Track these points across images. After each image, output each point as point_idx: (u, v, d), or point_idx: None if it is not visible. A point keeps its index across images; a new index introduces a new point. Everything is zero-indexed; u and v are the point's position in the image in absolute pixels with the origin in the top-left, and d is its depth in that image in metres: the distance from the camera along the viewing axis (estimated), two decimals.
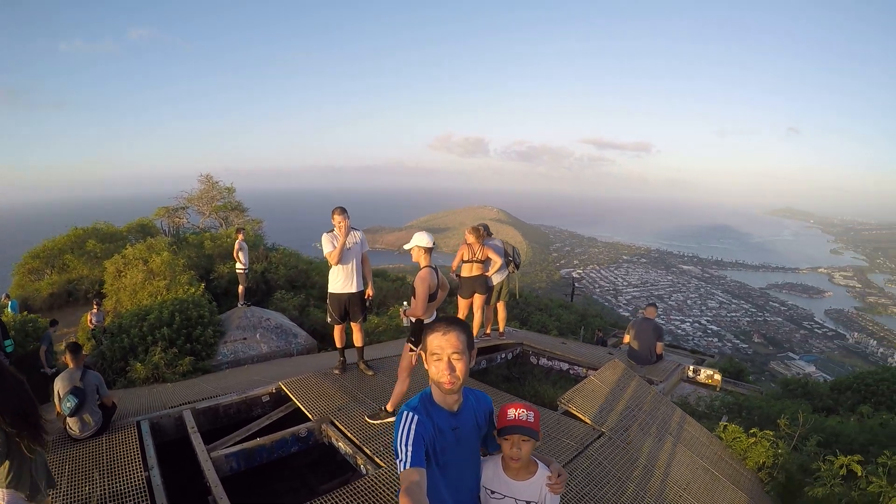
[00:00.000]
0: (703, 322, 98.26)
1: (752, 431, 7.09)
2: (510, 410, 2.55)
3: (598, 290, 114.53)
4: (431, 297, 5.50)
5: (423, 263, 5.54)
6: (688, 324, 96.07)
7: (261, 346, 11.04)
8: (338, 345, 7.25)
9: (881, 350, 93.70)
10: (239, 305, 12.88)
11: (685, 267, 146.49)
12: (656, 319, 10.30)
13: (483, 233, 8.88)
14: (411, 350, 5.56)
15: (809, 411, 9.68)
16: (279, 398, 6.64)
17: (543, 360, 9.83)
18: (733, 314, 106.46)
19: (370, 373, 7.22)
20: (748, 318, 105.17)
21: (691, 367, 11.67)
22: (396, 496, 2.32)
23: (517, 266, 9.64)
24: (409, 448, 2.21)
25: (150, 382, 9.14)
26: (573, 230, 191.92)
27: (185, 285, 12.44)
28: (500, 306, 9.68)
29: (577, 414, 6.36)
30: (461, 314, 8.87)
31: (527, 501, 2.58)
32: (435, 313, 5.68)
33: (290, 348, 11.29)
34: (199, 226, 24.03)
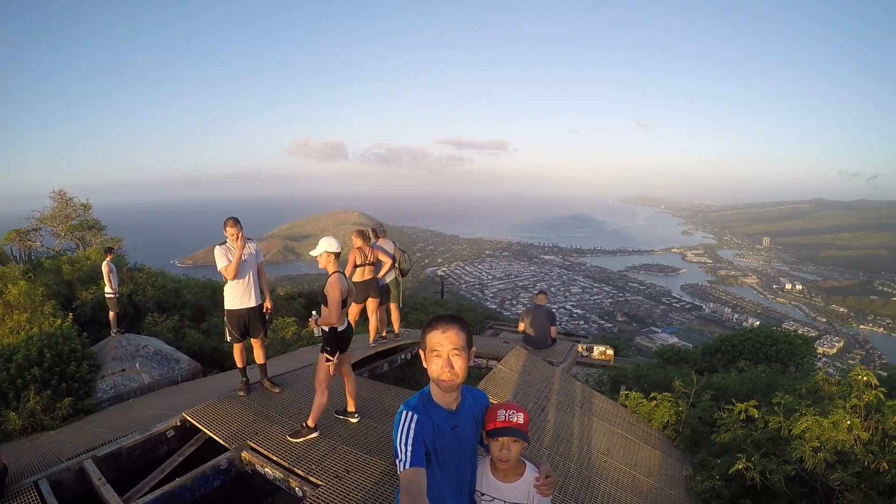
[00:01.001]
0: (569, 307, 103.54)
1: (651, 396, 8.01)
2: (500, 412, 2.59)
3: (464, 285, 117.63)
4: (343, 304, 5.52)
5: (331, 269, 5.53)
6: (554, 309, 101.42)
7: (142, 377, 10.34)
8: (239, 364, 6.95)
9: (736, 316, 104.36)
10: (112, 334, 12.06)
11: (546, 257, 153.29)
12: (547, 305, 10.91)
13: (370, 235, 8.96)
14: (327, 360, 5.52)
15: (693, 371, 10.89)
16: (186, 431, 6.27)
17: None
18: (596, 297, 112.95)
19: (277, 390, 7.02)
20: (610, 300, 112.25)
21: (584, 346, 12.47)
22: None
23: (403, 272, 9.77)
24: (409, 448, 2.24)
25: (29, 433, 8.19)
26: (436, 229, 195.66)
27: (49, 317, 11.33)
28: (393, 308, 9.82)
29: (493, 401, 6.65)
30: (353, 319, 8.79)
31: (515, 503, 2.63)
32: (346, 321, 5.71)
33: (173, 375, 10.66)
34: (54, 248, 21.83)
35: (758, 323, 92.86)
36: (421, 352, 2.47)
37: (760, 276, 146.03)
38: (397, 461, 2.24)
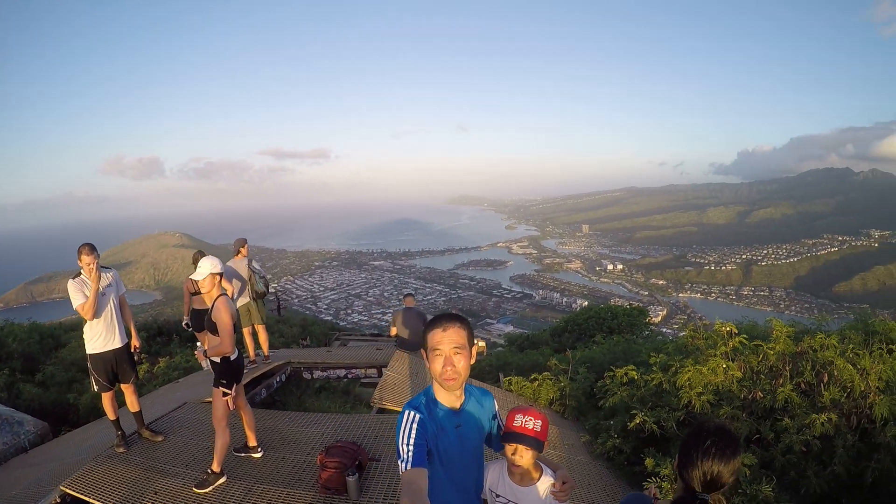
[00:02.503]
0: None
1: (532, 377, 8.66)
2: (517, 416, 2.63)
3: (296, 300, 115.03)
4: (234, 329, 5.19)
5: (216, 292, 5.17)
6: (389, 314, 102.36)
7: None
8: (111, 416, 6.06)
9: (565, 300, 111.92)
10: None
11: (377, 262, 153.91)
12: (417, 307, 11.01)
13: (200, 259, 8.33)
14: (225, 395, 5.15)
15: (552, 352, 11.79)
16: None
17: (318, 373, 9.94)
18: (429, 297, 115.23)
19: (159, 438, 6.28)
20: (444, 298, 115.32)
21: None
22: None
23: (257, 295, 9.26)
24: (411, 448, 2.25)
25: None
26: (261, 244, 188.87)
27: None
28: (261, 329, 9.39)
29: (393, 408, 6.72)
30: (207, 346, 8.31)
31: None
32: (237, 349, 5.32)
33: (20, 441, 8.93)
34: None
35: (586, 303, 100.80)
36: (423, 351, 2.51)
37: (584, 261, 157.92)
38: (399, 461, 2.26)
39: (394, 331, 10.76)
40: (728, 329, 6.40)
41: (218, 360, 5.13)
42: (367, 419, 6.73)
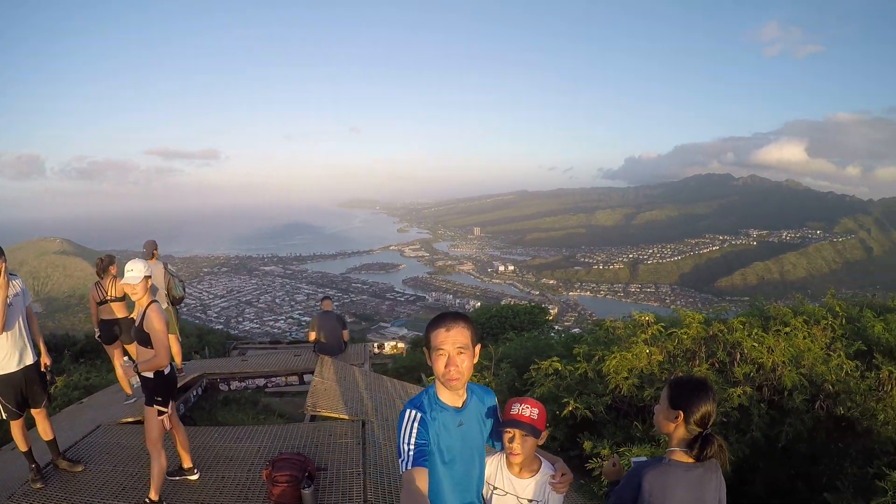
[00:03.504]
0: (296, 316, 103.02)
1: None
2: (514, 405, 2.66)
3: (185, 308, 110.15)
4: None
5: (147, 299, 4.72)
6: (282, 321, 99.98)
7: None
8: (23, 447, 5.20)
9: (458, 301, 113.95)
10: None
11: (267, 268, 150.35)
12: (335, 311, 10.96)
13: (106, 264, 7.69)
14: (160, 413, 4.69)
15: (490, 346, 12.24)
16: None
17: (235, 384, 9.67)
18: (322, 302, 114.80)
19: (79, 468, 5.54)
20: (337, 303, 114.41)
21: (376, 345, 12.86)
22: None
23: (175, 300, 8.94)
24: (412, 448, 2.28)
25: None
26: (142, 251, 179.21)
27: None
28: (173, 340, 8.90)
29: (328, 414, 6.72)
30: (117, 364, 7.70)
31: (529, 500, 2.69)
32: (171, 364, 4.94)
33: None
34: None
35: (479, 304, 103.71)
36: (425, 350, 2.52)
37: (475, 263, 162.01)
38: (400, 461, 2.29)
39: (312, 335, 10.58)
40: (646, 318, 7.08)
41: (151, 374, 4.67)
42: (303, 428, 6.60)
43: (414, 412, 2.39)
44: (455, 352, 2.37)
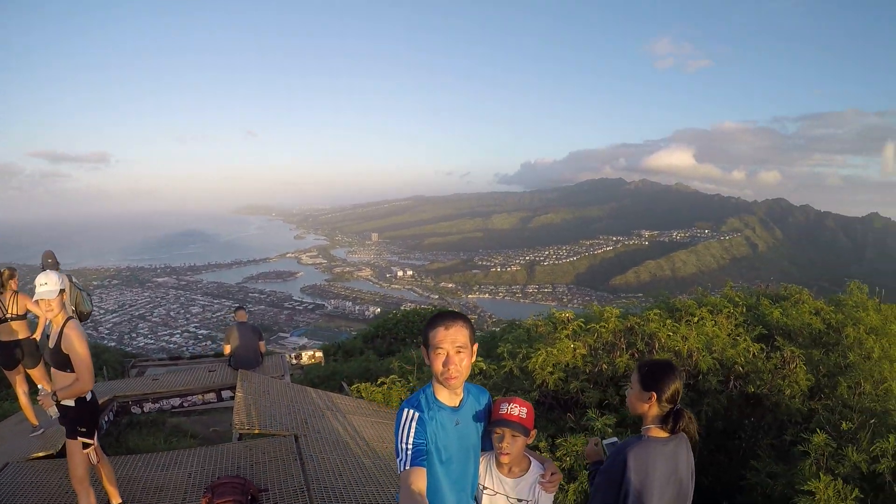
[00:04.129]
0: (192, 329, 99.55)
1: (380, 381, 9.02)
2: (502, 405, 2.63)
3: None
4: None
5: (64, 315, 4.29)
6: (178, 335, 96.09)
7: None
8: None
9: (357, 308, 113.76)
10: None
11: (160, 279, 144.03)
12: (249, 321, 10.57)
13: (7, 278, 6.75)
14: (86, 446, 4.28)
15: (377, 357, 12.27)
16: None
17: (149, 405, 9.03)
18: (218, 314, 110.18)
19: None
20: (233, 314, 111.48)
21: (293, 355, 12.58)
22: None
23: (83, 316, 8.22)
24: (410, 447, 2.27)
25: None
26: (33, 264, 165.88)
27: None
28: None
29: (258, 432, 6.39)
30: (20, 391, 6.79)
31: (519, 499, 2.68)
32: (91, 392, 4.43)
33: None
34: None
35: (378, 310, 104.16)
36: (423, 349, 2.49)
37: (374, 269, 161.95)
38: (398, 461, 2.28)
39: (227, 349, 10.12)
40: (566, 315, 7.52)
41: (72, 402, 4.21)
42: (233, 448, 6.20)
43: (412, 411, 2.37)
44: (454, 351, 2.35)
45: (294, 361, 12.49)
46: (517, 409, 2.59)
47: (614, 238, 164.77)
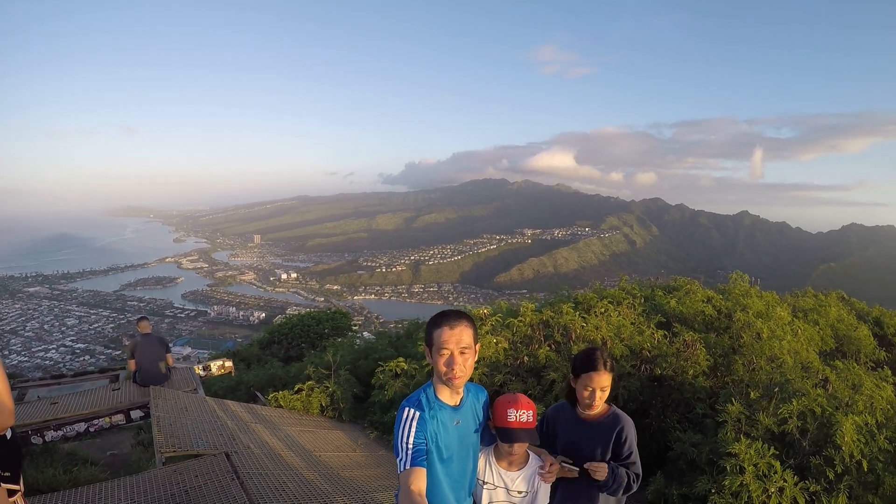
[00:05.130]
0: (69, 343, 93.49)
1: (297, 388, 9.03)
2: (510, 411, 2.61)
3: None
4: None
5: None
6: (53, 350, 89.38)
7: None
8: None
9: (241, 313, 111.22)
10: None
11: (31, 289, 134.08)
12: (154, 334, 9.90)
13: None
14: (12, 493, 3.46)
15: (281, 363, 12.14)
16: None
17: (51, 434, 8.10)
18: (95, 325, 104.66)
19: None
20: (112, 325, 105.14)
21: (201, 366, 12.04)
22: None
23: None
24: (410, 446, 2.30)
25: None
26: None
27: None
28: None
29: (187, 453, 5.98)
30: None
31: (519, 491, 2.73)
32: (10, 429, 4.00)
33: None
34: None
35: (263, 315, 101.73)
36: (426, 347, 2.52)
37: (257, 272, 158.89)
38: (398, 460, 2.32)
39: (132, 364, 9.47)
40: (483, 311, 7.94)
41: None
42: (161, 474, 5.52)
43: (412, 411, 2.40)
44: (458, 351, 2.38)
45: (203, 373, 11.91)
46: (525, 415, 2.61)
47: (498, 237, 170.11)
